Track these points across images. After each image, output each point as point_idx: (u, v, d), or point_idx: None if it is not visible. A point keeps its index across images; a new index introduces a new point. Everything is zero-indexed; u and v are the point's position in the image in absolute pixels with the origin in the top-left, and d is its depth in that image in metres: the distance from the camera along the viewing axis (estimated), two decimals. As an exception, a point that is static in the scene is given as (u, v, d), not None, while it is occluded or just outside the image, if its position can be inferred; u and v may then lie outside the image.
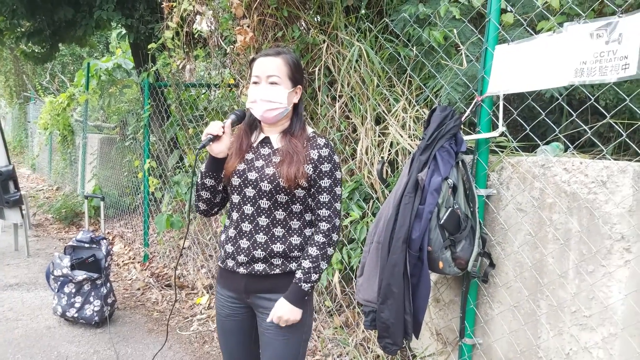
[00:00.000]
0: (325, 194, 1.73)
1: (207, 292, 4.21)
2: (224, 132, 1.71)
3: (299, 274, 1.70)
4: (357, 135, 3.01)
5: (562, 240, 1.98)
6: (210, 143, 1.71)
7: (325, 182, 1.72)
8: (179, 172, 4.92)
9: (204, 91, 5.26)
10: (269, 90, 1.71)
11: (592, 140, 2.01)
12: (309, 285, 1.69)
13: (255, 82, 1.75)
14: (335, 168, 1.74)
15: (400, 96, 2.81)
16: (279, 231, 1.73)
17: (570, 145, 2.02)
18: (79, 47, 9.71)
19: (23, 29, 6.66)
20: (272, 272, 1.73)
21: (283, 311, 1.69)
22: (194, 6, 3.41)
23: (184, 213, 4.86)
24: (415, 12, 2.67)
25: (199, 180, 1.81)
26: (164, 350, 3.34)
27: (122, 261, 5.39)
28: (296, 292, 1.69)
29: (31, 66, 13.03)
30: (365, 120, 2.92)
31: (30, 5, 5.74)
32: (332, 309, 3.20)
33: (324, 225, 1.73)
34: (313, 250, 1.71)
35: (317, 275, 1.71)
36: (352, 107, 3.02)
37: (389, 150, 2.77)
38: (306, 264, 1.70)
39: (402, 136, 2.69)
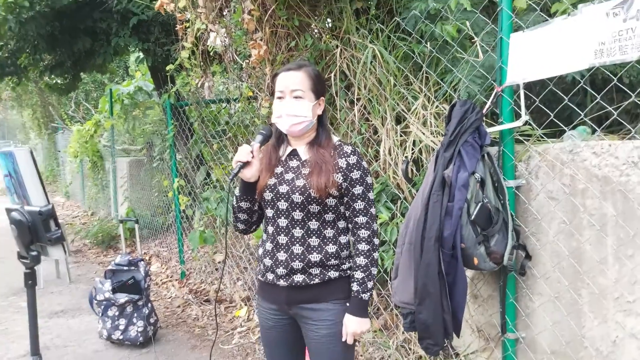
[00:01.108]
0: (359, 201, 1.76)
1: (245, 305, 4.26)
2: (253, 157, 1.73)
3: (355, 287, 1.75)
4: (378, 136, 3.00)
5: (597, 226, 1.93)
6: (242, 170, 1.73)
7: (358, 190, 1.76)
8: (208, 188, 5.00)
9: (224, 106, 5.34)
10: (293, 104, 1.74)
11: (620, 120, 1.95)
12: (368, 294, 1.75)
13: (279, 97, 1.78)
14: (365, 174, 1.78)
15: (419, 93, 2.79)
16: (314, 241, 1.76)
17: (597, 129, 1.98)
18: (100, 74, 9.95)
19: (45, 63, 6.88)
20: (312, 282, 1.75)
21: (353, 327, 1.75)
22: (207, 25, 3.46)
23: (216, 228, 4.93)
24: (425, 8, 2.65)
25: (234, 204, 1.85)
26: (208, 366, 3.40)
27: (161, 280, 5.50)
28: (358, 304, 1.75)
29: (56, 97, 13.42)
30: (386, 120, 2.91)
31: (50, 40, 5.92)
32: (369, 312, 3.19)
33: (364, 233, 1.76)
34: (361, 260, 1.76)
35: (372, 282, 1.76)
36: (371, 109, 3.01)
37: (412, 149, 2.76)
38: (359, 274, 1.75)
39: (424, 134, 2.68)
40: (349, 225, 1.81)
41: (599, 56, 1.76)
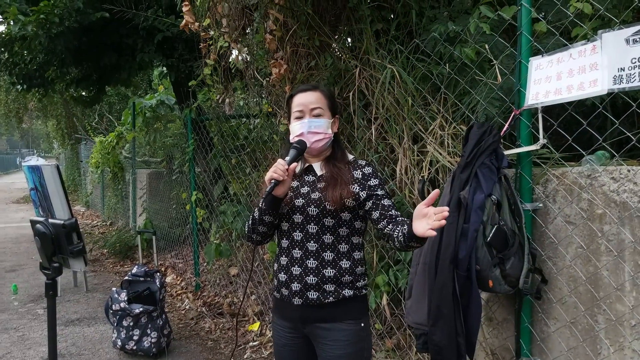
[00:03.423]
0: (385, 199, 1.78)
1: (258, 319, 4.26)
2: (287, 176, 1.69)
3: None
4: (395, 155, 3.02)
5: (615, 252, 1.91)
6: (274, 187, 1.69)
7: (380, 192, 1.78)
8: (225, 202, 5.05)
9: (243, 121, 5.42)
10: (314, 122, 1.79)
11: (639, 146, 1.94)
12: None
13: (298, 117, 1.82)
14: (382, 182, 1.82)
15: (436, 114, 2.81)
16: (328, 255, 1.77)
17: (615, 154, 1.97)
18: (124, 87, 10.18)
19: (72, 76, 7.07)
20: (326, 301, 1.76)
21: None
22: (229, 43, 3.54)
23: (232, 241, 4.97)
24: (445, 30, 2.69)
25: (256, 216, 1.82)
26: (220, 379, 3.41)
27: (175, 291, 5.54)
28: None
29: (80, 109, 13.73)
30: (403, 140, 2.93)
31: (77, 54, 6.10)
32: (382, 332, 3.18)
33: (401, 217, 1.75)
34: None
35: None
36: (388, 128, 3.03)
37: (429, 169, 2.76)
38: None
39: (441, 154, 2.69)
40: (384, 221, 1.73)
41: (618, 82, 1.77)
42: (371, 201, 1.77)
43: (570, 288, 2.09)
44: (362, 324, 1.79)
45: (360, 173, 1.80)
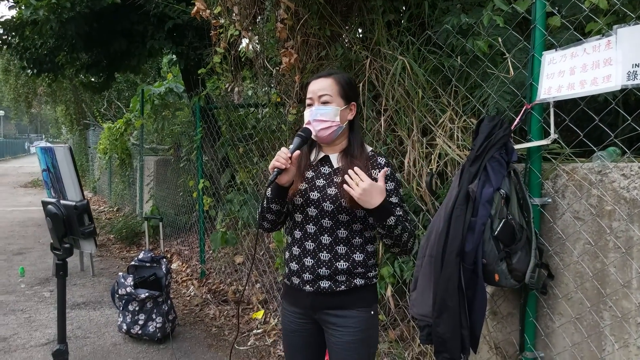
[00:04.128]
0: (398, 208, 1.78)
1: (263, 307, 4.29)
2: (291, 164, 1.68)
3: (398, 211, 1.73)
4: (403, 147, 3.01)
5: (623, 249, 1.91)
6: (278, 176, 1.68)
7: (394, 199, 1.78)
8: (232, 190, 5.07)
9: (252, 110, 5.42)
10: (320, 109, 1.75)
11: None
12: (394, 219, 1.66)
13: (309, 105, 1.80)
14: (399, 185, 1.82)
15: (447, 107, 2.80)
16: (341, 249, 1.77)
17: (627, 150, 1.95)
18: (133, 74, 10.19)
19: (81, 61, 7.09)
20: (338, 289, 1.77)
21: (371, 186, 1.58)
22: (240, 31, 3.53)
23: (238, 230, 4.99)
24: (457, 22, 2.66)
25: (264, 205, 1.83)
26: (223, 366, 3.44)
27: (181, 278, 5.59)
28: (388, 207, 1.65)
29: (89, 95, 13.77)
30: (412, 132, 2.92)
31: (87, 39, 6.11)
32: (386, 323, 3.19)
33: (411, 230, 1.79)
34: (407, 224, 1.75)
35: (400, 230, 1.69)
36: (398, 120, 3.03)
37: (437, 162, 2.76)
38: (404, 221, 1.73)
39: (450, 147, 2.68)
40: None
41: (632, 78, 1.75)
42: None
43: (577, 284, 2.08)
44: (372, 312, 1.81)
45: (378, 174, 1.74)
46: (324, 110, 1.75)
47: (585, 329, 2.05)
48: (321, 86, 1.77)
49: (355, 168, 1.60)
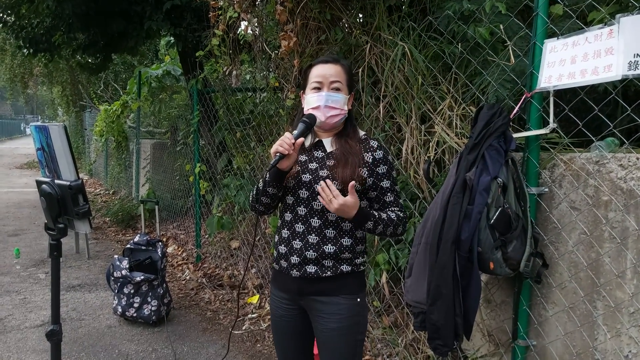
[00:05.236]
0: (389, 193, 1.80)
1: (258, 292, 4.31)
2: (293, 150, 1.67)
3: (375, 214, 1.74)
4: (402, 134, 3.00)
5: (618, 239, 1.91)
6: (279, 161, 1.67)
7: (386, 183, 1.79)
8: (228, 175, 5.05)
9: (250, 95, 5.38)
10: (332, 95, 1.75)
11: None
12: (372, 223, 1.72)
13: (316, 88, 1.77)
14: (392, 168, 1.81)
15: (446, 94, 2.78)
16: (330, 232, 1.77)
17: (625, 141, 1.95)
18: (130, 56, 10.09)
19: (78, 42, 7.01)
20: (324, 275, 1.76)
21: (345, 201, 1.63)
22: (239, 13, 3.49)
23: (234, 215, 4.99)
24: (459, 8, 2.64)
25: (260, 187, 1.82)
26: (217, 349, 3.46)
27: (176, 262, 5.59)
28: (365, 213, 1.70)
29: (86, 76, 13.66)
30: (410, 119, 2.90)
31: (85, 19, 6.03)
32: (380, 309, 3.20)
33: (399, 218, 1.80)
34: (392, 215, 1.77)
35: (382, 229, 1.75)
36: (397, 107, 3.01)
37: (435, 150, 2.75)
38: (384, 215, 1.76)
39: (448, 135, 2.67)
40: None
41: (633, 68, 1.74)
42: (375, 193, 1.80)
43: (571, 273, 2.09)
44: (358, 299, 1.80)
45: (371, 157, 1.77)
46: (335, 97, 1.75)
47: (579, 318, 2.06)
48: (332, 72, 1.76)
49: (327, 181, 1.65)
